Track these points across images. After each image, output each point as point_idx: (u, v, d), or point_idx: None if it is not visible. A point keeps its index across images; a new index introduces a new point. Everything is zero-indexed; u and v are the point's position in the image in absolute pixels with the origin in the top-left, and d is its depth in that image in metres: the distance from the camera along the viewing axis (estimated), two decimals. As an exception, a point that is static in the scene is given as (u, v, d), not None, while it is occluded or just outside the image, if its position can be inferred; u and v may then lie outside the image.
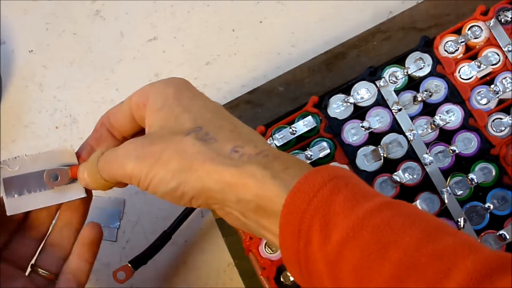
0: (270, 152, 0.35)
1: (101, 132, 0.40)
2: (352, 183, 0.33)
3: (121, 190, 0.46)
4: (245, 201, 0.34)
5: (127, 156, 0.36)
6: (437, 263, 0.29)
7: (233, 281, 0.53)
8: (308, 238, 0.32)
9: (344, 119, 0.48)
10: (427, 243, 0.30)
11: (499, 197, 0.45)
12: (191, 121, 0.36)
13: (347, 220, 0.31)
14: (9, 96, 0.60)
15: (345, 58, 0.54)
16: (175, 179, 0.34)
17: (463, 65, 0.47)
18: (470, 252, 0.29)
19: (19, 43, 0.61)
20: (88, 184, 0.39)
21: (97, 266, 0.54)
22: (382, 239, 0.30)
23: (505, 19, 0.48)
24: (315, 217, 0.31)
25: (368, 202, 0.32)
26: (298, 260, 0.33)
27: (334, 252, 0.31)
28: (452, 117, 0.46)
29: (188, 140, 0.35)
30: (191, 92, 0.38)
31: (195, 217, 0.54)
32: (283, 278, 0.45)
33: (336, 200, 0.32)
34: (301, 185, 0.32)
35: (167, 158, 0.35)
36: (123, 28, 0.61)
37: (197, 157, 0.34)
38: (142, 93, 0.38)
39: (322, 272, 0.31)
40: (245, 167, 0.33)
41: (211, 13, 0.60)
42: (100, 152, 0.38)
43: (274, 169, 0.33)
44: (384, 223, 0.31)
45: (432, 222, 0.32)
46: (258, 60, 0.58)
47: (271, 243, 0.36)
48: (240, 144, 0.35)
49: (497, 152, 0.45)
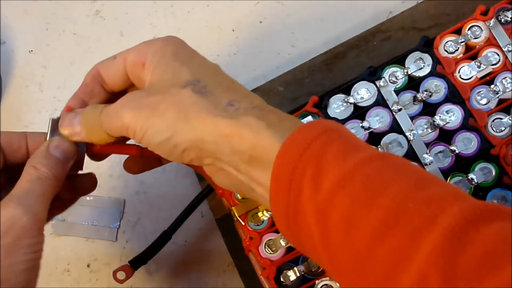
0: (266, 107, 0.35)
1: (93, 86, 0.40)
2: (345, 135, 0.33)
3: (121, 190, 0.46)
4: (239, 152, 0.34)
5: (124, 107, 0.36)
6: (425, 210, 0.29)
7: (233, 281, 0.53)
8: (299, 189, 0.32)
9: (344, 119, 0.48)
10: (416, 191, 0.30)
11: (499, 197, 0.45)
12: (190, 75, 0.36)
13: (339, 169, 0.31)
14: (9, 96, 0.60)
15: (345, 58, 0.54)
16: (170, 130, 0.34)
17: (463, 65, 0.47)
18: (457, 199, 0.30)
19: (19, 43, 0.61)
20: (85, 137, 0.38)
21: (97, 266, 0.55)
22: (372, 188, 0.30)
23: (505, 19, 0.48)
24: (307, 168, 0.32)
25: (359, 153, 0.32)
26: (287, 213, 0.33)
27: (324, 200, 0.31)
28: (452, 117, 0.47)
29: (185, 92, 0.35)
30: (190, 50, 0.38)
31: (195, 217, 0.54)
32: (283, 278, 0.45)
33: (329, 151, 0.32)
34: (294, 136, 0.33)
35: (163, 109, 0.35)
36: (123, 28, 0.61)
37: (193, 107, 0.34)
38: (140, 52, 0.38)
39: (310, 222, 0.32)
40: (240, 118, 0.34)
41: (211, 13, 0.60)
42: (102, 106, 0.38)
43: (270, 120, 0.34)
44: (374, 173, 0.31)
45: (422, 172, 0.32)
46: (258, 60, 0.58)
47: (260, 199, 0.35)
48: (237, 99, 0.35)
49: (497, 152, 0.45)
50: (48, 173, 0.37)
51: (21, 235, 0.35)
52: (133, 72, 0.38)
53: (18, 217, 0.35)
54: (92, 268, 0.55)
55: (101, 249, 0.55)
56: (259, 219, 0.46)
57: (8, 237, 0.35)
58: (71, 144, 0.39)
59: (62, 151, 0.38)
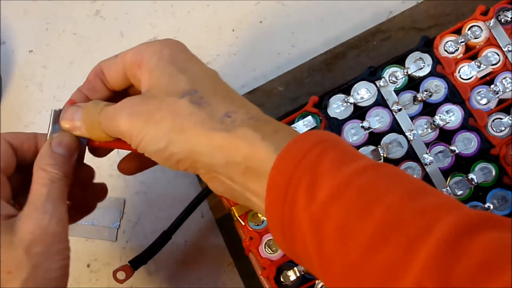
0: (261, 117, 0.36)
1: (95, 83, 0.40)
2: (339, 146, 0.34)
3: (121, 190, 0.46)
4: (234, 163, 0.34)
5: (121, 112, 0.36)
6: (419, 220, 0.29)
7: (233, 281, 0.53)
8: (294, 200, 0.32)
9: (344, 119, 0.48)
10: (410, 201, 0.30)
11: (499, 197, 0.45)
12: (187, 84, 0.36)
13: (333, 180, 0.31)
14: (9, 96, 0.60)
15: (345, 58, 0.54)
16: (165, 139, 0.35)
17: (463, 65, 0.47)
18: (452, 209, 0.30)
19: (19, 43, 0.61)
20: (85, 133, 0.39)
21: (97, 266, 0.55)
22: (366, 198, 0.31)
23: (505, 19, 0.48)
24: (302, 179, 0.32)
25: (353, 163, 0.32)
26: (282, 223, 0.33)
27: (319, 211, 0.31)
28: (452, 117, 0.47)
29: (182, 102, 0.35)
30: (188, 55, 0.38)
31: (195, 217, 0.54)
32: (283, 278, 0.45)
33: (323, 162, 0.32)
34: (289, 148, 0.33)
35: (159, 118, 0.35)
36: (123, 28, 0.61)
37: (189, 119, 0.34)
38: (137, 52, 0.38)
39: (305, 232, 0.32)
40: (236, 130, 0.34)
41: (211, 13, 0.60)
42: (103, 104, 0.38)
43: (265, 131, 0.34)
44: (368, 183, 0.31)
45: (416, 183, 0.32)
46: (258, 60, 0.58)
47: (255, 208, 0.36)
48: (233, 110, 0.35)
49: (497, 152, 0.45)
50: (58, 173, 0.37)
51: (52, 242, 0.35)
52: (131, 72, 0.38)
53: (46, 225, 0.35)
54: (92, 268, 0.55)
55: (101, 249, 0.55)
56: (259, 219, 0.46)
57: (39, 246, 0.35)
58: (72, 138, 0.39)
59: (65, 147, 0.38)
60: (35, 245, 0.35)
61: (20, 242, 0.35)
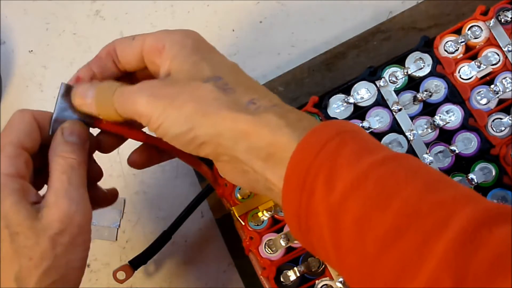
0: (285, 105, 0.36)
1: (107, 61, 0.40)
2: (359, 137, 0.33)
3: (121, 190, 0.46)
4: (256, 149, 0.34)
5: (141, 93, 0.35)
6: (437, 212, 0.29)
7: (233, 281, 0.53)
8: (311, 190, 0.32)
9: (344, 119, 0.48)
10: (428, 193, 0.30)
11: (499, 197, 0.45)
12: (211, 70, 0.36)
13: (352, 172, 0.31)
14: (9, 96, 0.60)
15: (345, 58, 0.54)
16: (188, 122, 0.34)
17: (463, 65, 0.47)
18: (470, 201, 0.30)
19: (19, 43, 0.61)
20: (94, 109, 0.38)
21: (97, 266, 0.55)
22: (385, 190, 0.31)
23: (505, 19, 0.48)
24: (320, 169, 0.32)
25: (373, 155, 0.32)
26: (299, 213, 0.33)
27: (337, 203, 0.31)
28: (452, 117, 0.47)
29: (207, 86, 0.35)
30: (210, 46, 0.39)
31: (195, 217, 0.54)
32: (283, 278, 0.45)
33: (342, 153, 0.32)
34: (309, 137, 0.33)
35: (182, 101, 0.34)
36: (123, 28, 0.61)
37: (214, 103, 0.34)
38: (158, 38, 0.38)
39: (322, 224, 0.32)
40: (261, 115, 0.34)
41: (211, 13, 0.60)
42: (117, 84, 0.37)
43: (289, 119, 0.34)
44: (387, 175, 0.31)
45: (435, 174, 0.32)
46: (258, 60, 0.58)
47: (273, 197, 0.36)
48: (257, 97, 0.35)
49: (497, 152, 0.45)
50: (76, 159, 0.37)
51: (77, 233, 0.35)
52: (149, 56, 0.38)
53: (72, 215, 0.35)
54: (92, 268, 0.55)
55: (101, 249, 0.55)
56: (259, 219, 0.46)
57: (66, 236, 0.35)
58: (83, 126, 0.38)
59: (77, 135, 0.38)
60: (62, 234, 0.34)
61: (46, 230, 0.34)
